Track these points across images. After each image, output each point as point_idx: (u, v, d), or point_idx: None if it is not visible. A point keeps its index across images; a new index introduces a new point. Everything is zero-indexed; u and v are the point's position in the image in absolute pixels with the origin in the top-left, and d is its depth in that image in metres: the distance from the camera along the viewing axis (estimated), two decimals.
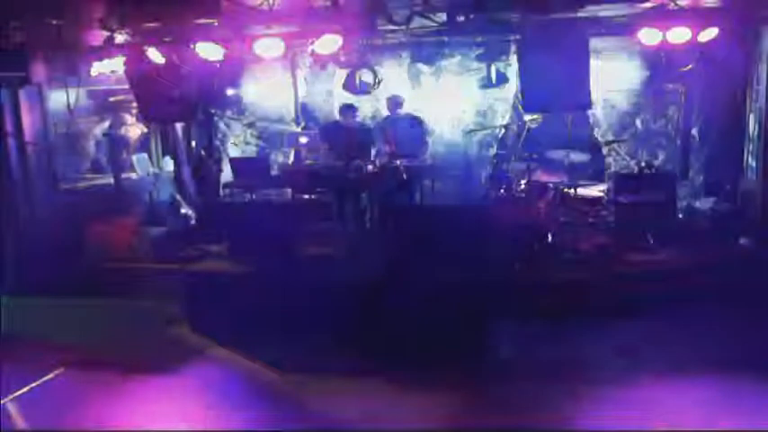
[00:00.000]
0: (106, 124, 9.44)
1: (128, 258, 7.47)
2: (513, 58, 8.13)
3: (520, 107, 8.35)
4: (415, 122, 8.34)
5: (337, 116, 8.38)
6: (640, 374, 4.91)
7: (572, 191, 7.35)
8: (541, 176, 7.53)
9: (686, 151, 8.55)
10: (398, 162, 7.88)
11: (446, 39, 8.29)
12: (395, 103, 8.26)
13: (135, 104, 8.54)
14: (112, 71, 7.82)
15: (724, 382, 4.69)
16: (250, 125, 9.93)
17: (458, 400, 4.71)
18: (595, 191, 7.71)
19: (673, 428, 4.21)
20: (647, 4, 6.56)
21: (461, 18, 6.90)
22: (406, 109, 8.32)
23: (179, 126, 9.62)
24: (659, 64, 7.94)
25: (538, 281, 6.30)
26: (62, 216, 7.64)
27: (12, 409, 4.68)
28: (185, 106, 7.49)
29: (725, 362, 4.98)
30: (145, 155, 9.63)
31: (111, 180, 8.75)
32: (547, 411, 4.49)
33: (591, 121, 8.89)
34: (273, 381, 5.16)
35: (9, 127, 7.16)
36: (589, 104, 6.98)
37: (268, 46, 6.85)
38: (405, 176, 7.87)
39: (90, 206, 8.31)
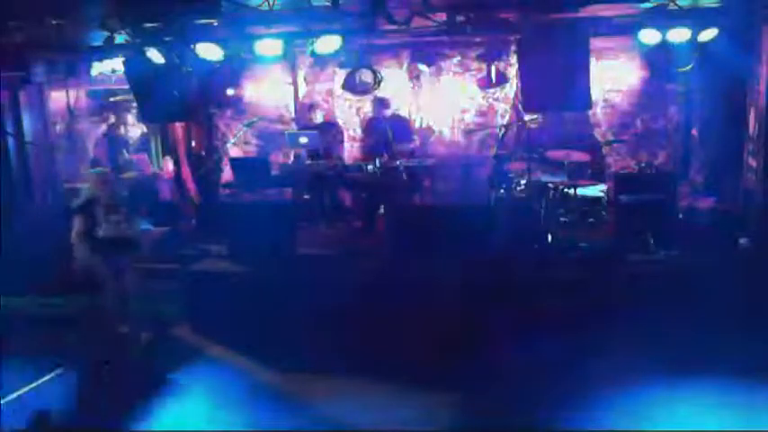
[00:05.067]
0: (106, 124, 9.45)
1: None
2: (513, 58, 8.14)
3: (520, 107, 8.35)
4: (400, 123, 8.33)
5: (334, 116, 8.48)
6: (639, 375, 4.91)
7: (572, 191, 7.34)
8: (541, 176, 7.53)
9: (686, 151, 8.55)
10: (398, 162, 7.89)
11: (446, 39, 8.29)
12: (381, 104, 8.28)
13: (135, 104, 8.54)
14: (112, 71, 7.83)
15: (723, 383, 4.69)
16: (250, 125, 9.93)
17: (458, 399, 4.71)
18: (595, 191, 7.71)
19: (671, 429, 4.21)
20: (647, 4, 6.56)
21: (461, 18, 6.91)
22: (406, 109, 8.33)
23: (179, 126, 9.63)
24: (659, 64, 7.94)
25: (538, 281, 6.30)
26: (62, 216, 7.65)
27: (12, 409, 4.68)
28: (185, 106, 7.49)
29: (724, 362, 4.98)
30: (145, 155, 9.64)
31: None
32: (546, 411, 4.49)
33: (591, 121, 8.89)
34: (272, 380, 5.15)
35: (9, 127, 7.16)
36: (589, 104, 6.97)
37: (268, 46, 6.85)
38: (405, 176, 7.89)
39: None
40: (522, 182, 7.51)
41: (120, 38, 7.09)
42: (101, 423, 4.49)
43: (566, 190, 7.38)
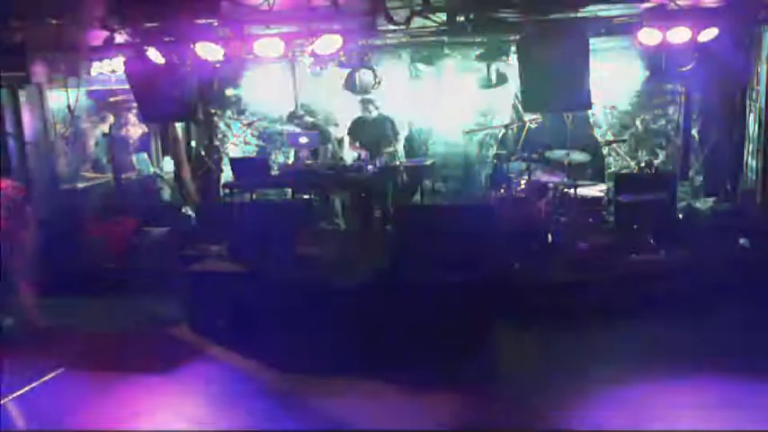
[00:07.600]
0: (106, 124, 9.45)
1: (128, 258, 7.47)
2: (513, 58, 8.13)
3: (520, 107, 8.35)
4: (383, 123, 8.32)
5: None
6: (639, 374, 4.91)
7: (572, 191, 7.34)
8: (541, 176, 7.53)
9: (686, 151, 8.55)
10: (398, 162, 7.90)
11: (446, 39, 8.29)
12: (365, 104, 8.29)
13: (135, 104, 8.55)
14: (112, 71, 7.83)
15: (723, 383, 4.69)
16: (250, 125, 9.93)
17: (457, 400, 4.71)
18: (595, 191, 7.71)
19: (671, 429, 4.21)
20: (647, 4, 6.57)
21: (461, 18, 6.91)
22: (405, 109, 8.32)
23: (179, 126, 9.64)
24: (659, 64, 7.94)
25: (538, 281, 6.30)
26: (62, 216, 7.65)
27: (12, 409, 4.68)
28: (185, 106, 7.49)
29: (724, 362, 4.98)
30: (145, 155, 9.64)
31: (111, 180, 8.75)
32: (546, 411, 4.50)
33: (591, 121, 8.90)
34: (273, 380, 5.15)
35: (9, 127, 7.17)
36: (589, 104, 6.97)
37: (268, 46, 6.85)
38: (405, 176, 7.90)
39: (90, 206, 8.32)
40: (522, 182, 7.51)
41: (120, 38, 7.09)
42: None
43: (566, 190, 7.38)
